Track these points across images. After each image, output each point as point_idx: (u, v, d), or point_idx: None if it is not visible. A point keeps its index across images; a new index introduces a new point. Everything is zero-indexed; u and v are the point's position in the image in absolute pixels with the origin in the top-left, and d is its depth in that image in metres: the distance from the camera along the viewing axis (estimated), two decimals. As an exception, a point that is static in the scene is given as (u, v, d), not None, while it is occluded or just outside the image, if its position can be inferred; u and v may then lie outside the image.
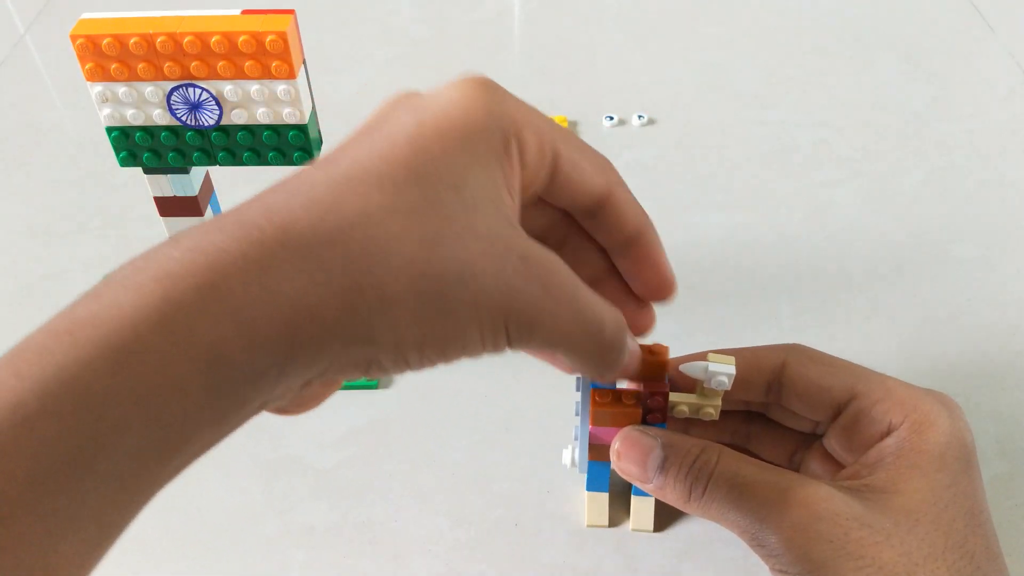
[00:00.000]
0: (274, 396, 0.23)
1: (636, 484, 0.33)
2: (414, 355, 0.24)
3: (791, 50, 0.66)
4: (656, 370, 0.32)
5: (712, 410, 0.33)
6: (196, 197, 0.39)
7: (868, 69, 0.64)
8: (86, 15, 0.35)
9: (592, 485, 0.37)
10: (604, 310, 0.28)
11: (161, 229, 0.41)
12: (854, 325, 0.46)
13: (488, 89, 0.26)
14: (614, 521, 0.38)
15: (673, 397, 0.33)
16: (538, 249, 0.26)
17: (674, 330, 0.46)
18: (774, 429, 0.36)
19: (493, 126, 0.25)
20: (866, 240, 0.51)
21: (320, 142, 0.39)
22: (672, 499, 0.32)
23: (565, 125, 0.59)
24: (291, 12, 0.35)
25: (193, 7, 0.35)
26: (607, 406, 0.33)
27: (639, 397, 0.33)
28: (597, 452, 0.35)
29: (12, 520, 0.19)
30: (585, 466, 0.36)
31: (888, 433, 0.31)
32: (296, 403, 0.26)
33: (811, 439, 0.36)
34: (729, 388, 0.32)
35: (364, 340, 0.23)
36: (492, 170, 0.25)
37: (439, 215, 0.23)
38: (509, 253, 0.25)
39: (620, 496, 0.38)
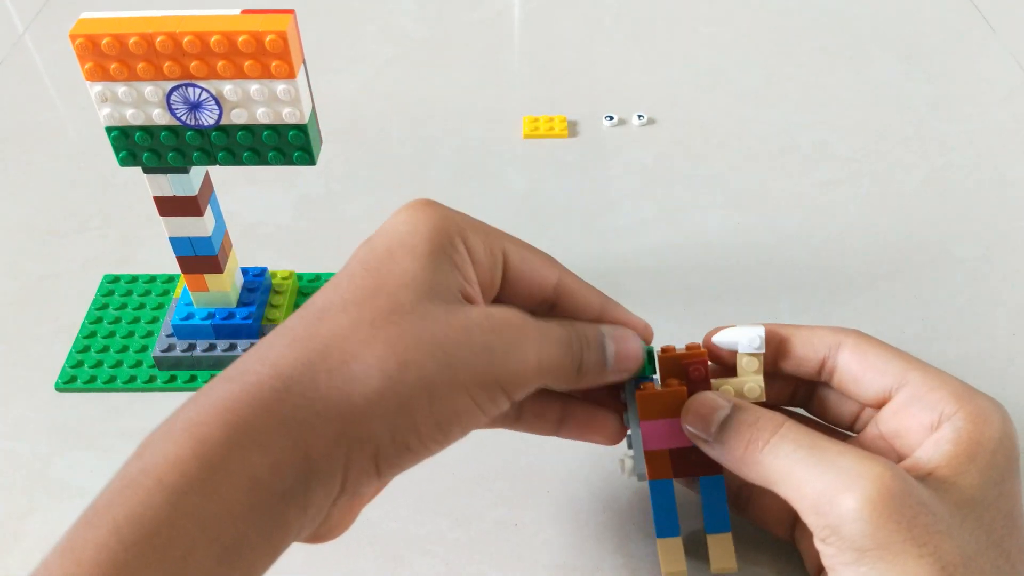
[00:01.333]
0: (308, 517, 0.26)
1: (699, 443, 0.33)
2: (413, 440, 0.27)
3: (791, 50, 0.66)
4: (696, 358, 0.34)
5: (755, 386, 0.33)
6: (196, 197, 0.39)
7: (868, 69, 0.64)
8: (85, 14, 0.35)
9: (662, 530, 0.35)
10: (554, 323, 0.31)
11: (161, 229, 0.41)
12: (854, 325, 0.46)
13: (430, 205, 0.30)
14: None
15: (715, 382, 0.33)
16: (496, 307, 0.30)
17: (673, 330, 0.46)
18: (811, 423, 0.36)
19: (436, 230, 0.29)
20: (866, 240, 0.51)
21: (320, 142, 0.39)
22: (729, 455, 0.31)
23: (565, 125, 0.59)
24: (291, 12, 0.35)
25: (193, 7, 0.35)
26: (651, 390, 0.33)
27: (680, 377, 0.34)
28: (657, 464, 0.34)
29: None
30: (642, 469, 0.34)
31: (940, 423, 0.31)
32: (326, 528, 0.29)
33: (844, 439, 0.35)
34: (763, 350, 0.33)
35: (363, 439, 0.26)
36: (440, 263, 0.29)
37: (398, 314, 0.27)
38: (470, 319, 0.28)
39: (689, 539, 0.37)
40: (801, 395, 0.37)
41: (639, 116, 0.60)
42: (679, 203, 0.54)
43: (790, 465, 0.30)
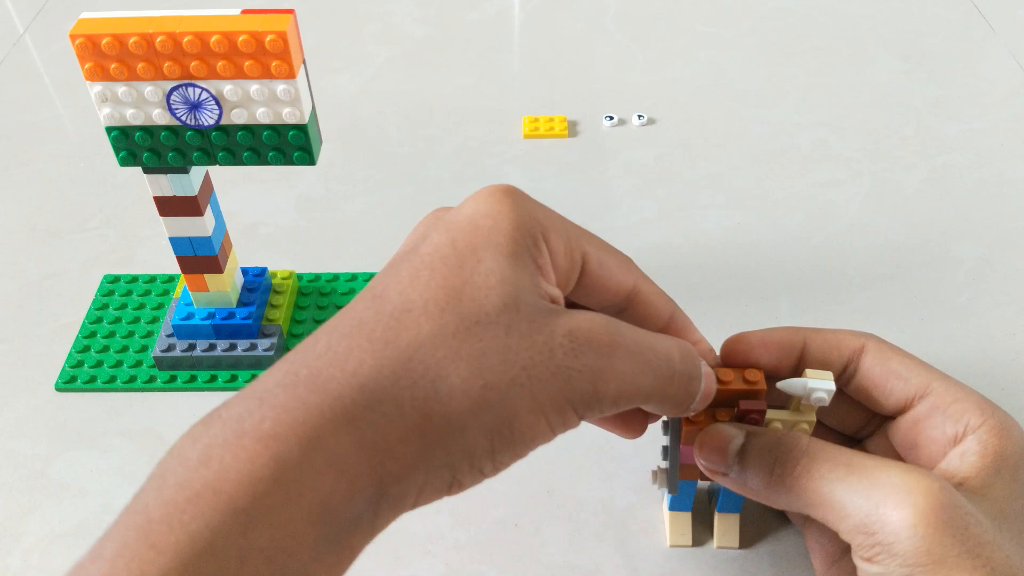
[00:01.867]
0: (371, 539, 0.25)
1: (717, 479, 0.32)
2: (488, 465, 0.25)
3: (791, 50, 0.66)
4: (754, 395, 0.32)
5: (807, 426, 0.32)
6: (196, 197, 0.39)
7: (868, 69, 0.64)
8: (85, 15, 0.35)
9: (675, 505, 0.37)
10: (668, 344, 0.28)
11: (161, 229, 0.41)
12: (854, 325, 0.46)
13: (513, 196, 0.27)
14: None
15: (767, 414, 0.32)
16: (583, 317, 0.26)
17: (674, 330, 0.46)
18: (816, 429, 0.35)
19: (521, 229, 0.27)
20: (866, 240, 0.51)
21: (320, 142, 0.39)
22: (753, 483, 0.31)
23: (565, 125, 0.59)
24: (291, 12, 0.35)
25: (193, 7, 0.35)
26: (701, 424, 0.32)
27: (734, 415, 0.32)
28: (688, 470, 0.34)
29: None
30: (675, 486, 0.35)
31: (964, 435, 0.31)
32: None
33: (850, 444, 0.35)
34: (828, 404, 0.31)
35: (442, 465, 0.25)
36: (524, 265, 0.26)
37: (482, 326, 0.25)
38: (553, 336, 0.26)
39: (699, 514, 0.38)
40: None
41: (639, 116, 0.60)
42: (679, 203, 0.54)
43: (828, 486, 0.29)
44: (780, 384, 0.32)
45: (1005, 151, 0.57)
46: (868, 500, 0.28)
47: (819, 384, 0.31)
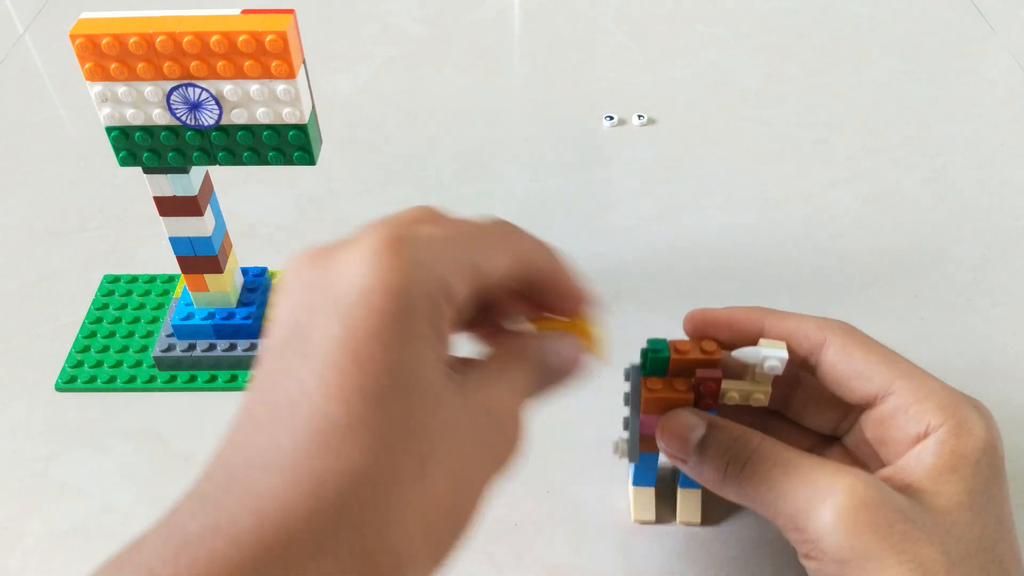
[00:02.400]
0: None
1: (676, 463, 0.33)
2: (435, 569, 0.24)
3: (791, 50, 0.66)
4: (710, 364, 0.33)
5: (762, 395, 0.33)
6: (196, 197, 0.39)
7: (868, 69, 0.64)
8: (85, 14, 0.35)
9: (639, 480, 0.38)
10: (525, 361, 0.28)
11: (161, 229, 0.41)
12: (854, 325, 0.46)
13: (397, 252, 0.23)
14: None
15: (724, 384, 0.33)
16: (486, 392, 0.25)
17: (674, 329, 0.46)
18: (790, 426, 0.36)
19: (419, 296, 0.23)
20: (866, 240, 0.51)
21: (320, 142, 0.39)
22: (708, 476, 0.32)
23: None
24: (291, 12, 0.35)
25: (193, 7, 0.35)
26: (659, 393, 0.33)
27: (691, 384, 0.33)
28: (648, 443, 0.35)
29: None
30: (636, 455, 0.36)
31: (926, 435, 0.31)
32: None
33: (828, 441, 0.35)
34: (781, 373, 0.32)
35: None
36: (432, 342, 0.23)
37: (414, 439, 0.22)
38: (478, 421, 0.24)
39: (664, 492, 0.38)
40: (778, 397, 0.36)
41: (639, 116, 0.60)
42: (679, 203, 0.54)
43: (767, 486, 0.30)
44: (734, 352, 0.33)
45: (1005, 151, 0.57)
46: (796, 498, 0.29)
47: (771, 352, 0.32)
